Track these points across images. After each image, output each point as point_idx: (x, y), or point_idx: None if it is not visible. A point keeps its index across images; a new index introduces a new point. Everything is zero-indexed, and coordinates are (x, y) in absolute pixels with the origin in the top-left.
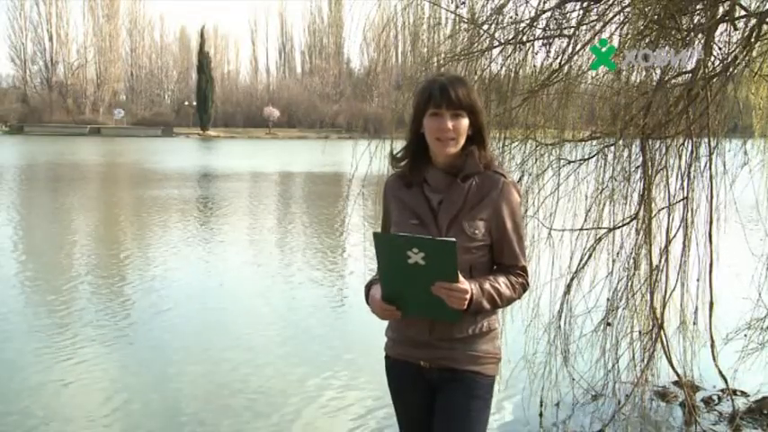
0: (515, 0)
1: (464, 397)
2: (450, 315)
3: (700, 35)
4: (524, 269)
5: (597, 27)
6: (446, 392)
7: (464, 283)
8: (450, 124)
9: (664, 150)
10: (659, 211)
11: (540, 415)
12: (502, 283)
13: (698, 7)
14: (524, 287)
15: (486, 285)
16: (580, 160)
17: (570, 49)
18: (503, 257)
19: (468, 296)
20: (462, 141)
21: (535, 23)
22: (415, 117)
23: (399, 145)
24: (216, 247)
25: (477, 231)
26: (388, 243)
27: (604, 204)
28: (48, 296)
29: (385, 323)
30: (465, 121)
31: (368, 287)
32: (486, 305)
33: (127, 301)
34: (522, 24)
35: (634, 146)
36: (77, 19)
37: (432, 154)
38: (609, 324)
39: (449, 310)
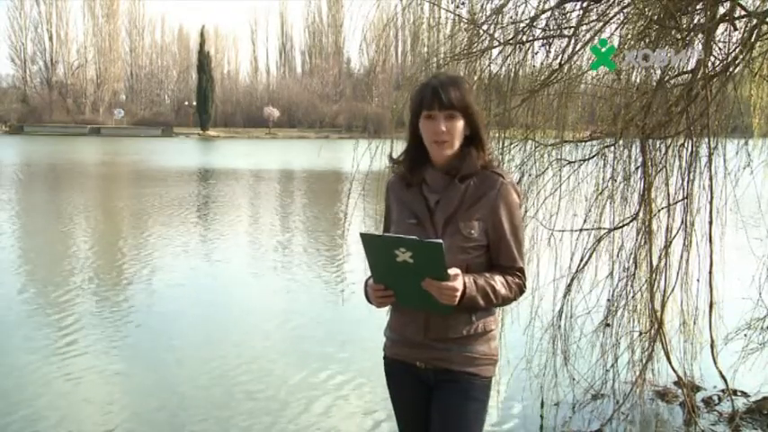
0: (515, 0)
1: (460, 398)
2: (443, 308)
3: (700, 35)
4: (521, 270)
5: (597, 27)
6: (442, 393)
7: (457, 280)
8: (443, 127)
9: (664, 150)
10: (659, 211)
11: (541, 416)
12: (498, 280)
13: (698, 7)
14: (521, 288)
15: (481, 281)
16: (580, 161)
17: (570, 49)
18: (500, 258)
19: (458, 293)
20: (458, 143)
21: (535, 23)
22: (412, 120)
23: (399, 145)
24: (216, 246)
25: (472, 231)
26: (375, 243)
27: (604, 205)
28: (47, 297)
29: (384, 323)
30: (460, 123)
31: (366, 283)
32: (481, 301)
33: (127, 301)
34: (522, 24)
35: (634, 146)
36: (77, 19)
37: (430, 155)
38: (608, 325)
39: (440, 303)
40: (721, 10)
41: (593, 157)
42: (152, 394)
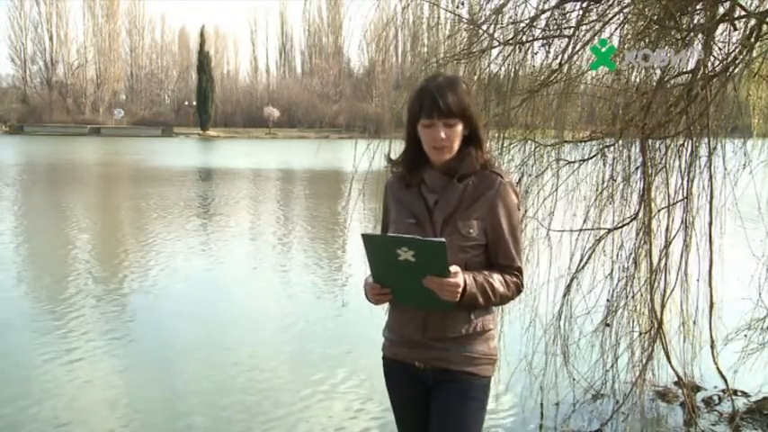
0: (515, 0)
1: (459, 398)
2: (444, 305)
3: (700, 35)
4: (519, 270)
5: (597, 27)
6: (441, 393)
7: (457, 277)
8: (443, 134)
9: (664, 150)
10: (659, 211)
11: (541, 415)
12: (496, 279)
13: (698, 7)
14: (519, 287)
15: (480, 279)
16: (580, 161)
17: (570, 49)
18: (498, 258)
19: (460, 289)
20: (457, 145)
21: (535, 23)
22: (409, 124)
23: (398, 145)
24: (216, 246)
25: (471, 231)
26: (376, 243)
27: (604, 205)
28: (49, 297)
29: (384, 323)
30: (459, 128)
31: (366, 280)
32: (480, 299)
33: (128, 301)
34: (522, 24)
35: (634, 146)
36: (77, 19)
37: (429, 157)
38: (608, 325)
39: (441, 300)
40: (721, 10)
41: (593, 157)
42: (153, 395)
